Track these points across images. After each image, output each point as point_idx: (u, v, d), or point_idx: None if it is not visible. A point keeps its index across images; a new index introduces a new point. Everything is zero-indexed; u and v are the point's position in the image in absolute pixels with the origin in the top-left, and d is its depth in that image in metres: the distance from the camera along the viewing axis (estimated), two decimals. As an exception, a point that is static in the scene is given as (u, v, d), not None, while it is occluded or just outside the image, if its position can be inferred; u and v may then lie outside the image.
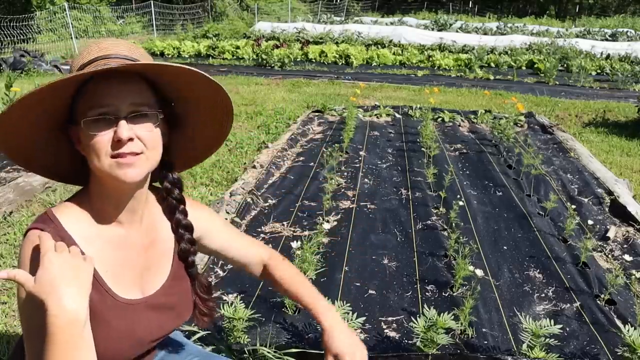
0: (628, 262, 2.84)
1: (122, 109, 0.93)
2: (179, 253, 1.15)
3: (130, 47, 1.02)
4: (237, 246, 1.31)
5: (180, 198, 1.14)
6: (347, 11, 27.19)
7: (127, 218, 1.05)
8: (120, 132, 0.91)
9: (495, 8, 31.45)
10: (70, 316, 0.83)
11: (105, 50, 0.98)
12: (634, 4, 30.10)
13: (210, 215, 1.29)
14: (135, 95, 0.95)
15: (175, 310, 1.14)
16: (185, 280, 1.17)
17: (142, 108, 0.96)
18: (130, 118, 0.94)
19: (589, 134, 6.04)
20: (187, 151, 1.19)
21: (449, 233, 3.09)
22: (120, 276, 1.03)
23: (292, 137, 5.22)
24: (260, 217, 3.39)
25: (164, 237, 1.14)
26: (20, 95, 1.25)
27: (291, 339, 2.12)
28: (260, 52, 11.68)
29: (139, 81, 0.97)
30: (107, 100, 0.93)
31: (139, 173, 0.96)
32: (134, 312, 1.04)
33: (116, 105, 0.93)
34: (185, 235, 1.14)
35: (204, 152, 1.22)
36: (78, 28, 15.28)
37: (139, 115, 0.95)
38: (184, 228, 1.14)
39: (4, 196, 3.55)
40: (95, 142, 0.93)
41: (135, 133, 0.94)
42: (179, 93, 1.04)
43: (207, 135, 1.16)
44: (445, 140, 5.38)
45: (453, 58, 11.81)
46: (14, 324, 2.35)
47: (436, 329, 1.93)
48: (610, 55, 12.65)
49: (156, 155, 1.00)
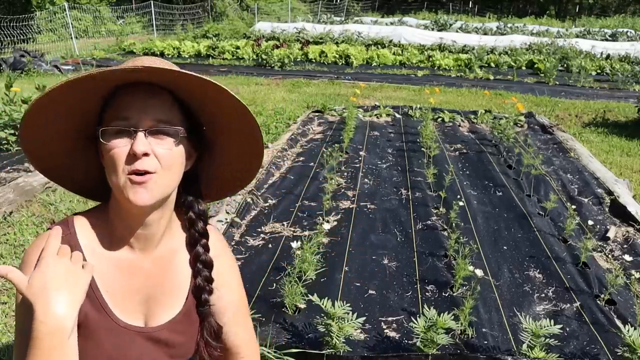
0: (628, 262, 2.84)
1: (143, 122, 0.90)
2: (192, 289, 1.07)
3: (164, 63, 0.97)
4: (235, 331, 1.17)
5: (203, 232, 1.07)
6: (347, 11, 27.19)
7: (140, 245, 1.01)
8: (135, 145, 0.88)
9: (495, 8, 31.45)
10: (56, 324, 0.81)
11: (142, 64, 0.93)
12: (634, 4, 30.09)
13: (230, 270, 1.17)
14: (159, 110, 0.92)
15: (175, 350, 1.06)
16: (196, 322, 1.09)
17: (165, 124, 0.92)
18: (150, 133, 0.91)
19: (589, 134, 6.04)
20: (217, 181, 1.13)
21: (449, 233, 3.10)
22: (123, 299, 1.00)
23: (292, 137, 5.22)
24: (260, 217, 3.39)
25: (180, 270, 1.07)
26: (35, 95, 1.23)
27: (291, 339, 2.12)
28: (260, 52, 11.69)
29: (166, 97, 0.94)
30: (129, 113, 0.90)
31: (150, 197, 0.91)
32: (129, 339, 1.00)
33: (138, 119, 0.90)
34: (203, 271, 1.06)
35: (234, 185, 1.16)
36: (78, 28, 15.28)
37: (160, 132, 0.92)
38: (202, 264, 1.07)
39: (4, 196, 3.55)
40: (112, 154, 0.90)
41: (153, 149, 0.90)
42: (209, 117, 1.00)
43: (237, 167, 1.11)
44: (445, 140, 5.39)
45: (453, 58, 11.81)
46: (14, 324, 2.35)
47: (436, 329, 1.93)
48: (610, 55, 12.66)
49: (171, 179, 0.95)
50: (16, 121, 4.89)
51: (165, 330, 1.04)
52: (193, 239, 1.07)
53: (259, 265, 2.76)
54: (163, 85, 0.93)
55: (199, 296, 1.07)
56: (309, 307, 2.32)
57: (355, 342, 2.12)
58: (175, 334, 1.05)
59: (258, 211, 3.49)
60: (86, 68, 10.52)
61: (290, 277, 2.36)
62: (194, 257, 1.07)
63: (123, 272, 1.00)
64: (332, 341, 1.98)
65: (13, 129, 4.83)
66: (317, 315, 2.20)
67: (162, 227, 1.01)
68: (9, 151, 4.66)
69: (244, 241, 3.06)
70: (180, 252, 1.08)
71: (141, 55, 1.06)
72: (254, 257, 2.86)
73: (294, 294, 2.29)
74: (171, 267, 1.06)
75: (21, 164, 4.32)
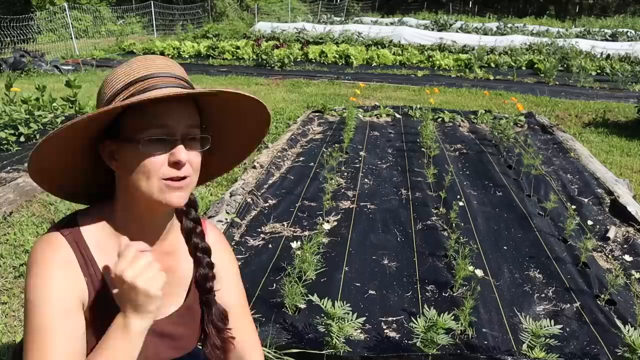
0: (628, 262, 2.84)
1: (179, 131, 0.93)
2: (196, 279, 1.11)
3: (171, 63, 1.00)
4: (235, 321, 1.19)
5: (195, 218, 1.12)
6: (347, 11, 27.18)
7: (148, 240, 1.03)
8: (179, 155, 0.92)
9: (495, 8, 31.45)
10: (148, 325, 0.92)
11: (154, 68, 0.95)
12: (634, 4, 30.08)
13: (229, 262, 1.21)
14: (190, 118, 0.95)
15: (178, 342, 1.10)
16: (198, 313, 1.13)
17: (194, 131, 0.96)
18: (186, 141, 0.94)
19: (589, 134, 6.04)
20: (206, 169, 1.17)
21: (449, 233, 3.10)
22: None
23: (292, 137, 5.22)
24: (260, 217, 3.39)
25: (183, 265, 1.11)
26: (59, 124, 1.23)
27: (291, 339, 2.12)
28: (260, 53, 11.69)
29: (191, 104, 0.97)
30: (165, 121, 0.92)
31: (185, 197, 0.96)
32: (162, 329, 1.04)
33: (174, 127, 0.92)
34: (203, 259, 1.10)
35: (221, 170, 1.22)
36: (78, 28, 15.29)
37: (192, 139, 0.96)
38: (202, 251, 1.11)
39: (4, 196, 3.55)
40: (148, 162, 0.91)
41: (188, 156, 0.94)
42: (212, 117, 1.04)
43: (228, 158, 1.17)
44: (445, 140, 5.38)
45: (453, 58, 11.81)
46: (14, 324, 2.35)
47: (436, 329, 1.93)
48: (610, 55, 12.65)
49: (196, 179, 0.99)
50: (16, 121, 4.89)
51: (168, 323, 1.06)
52: (188, 227, 1.11)
53: (259, 265, 2.76)
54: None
55: (203, 285, 1.11)
56: (309, 307, 2.32)
57: (355, 342, 2.12)
58: (177, 326, 1.08)
59: (258, 211, 3.49)
60: (86, 68, 10.52)
61: (290, 277, 2.36)
62: (193, 247, 1.11)
63: None
64: (332, 341, 1.98)
65: (13, 129, 4.83)
66: (317, 316, 2.20)
67: (170, 221, 1.06)
68: (9, 151, 4.66)
69: (244, 241, 3.06)
70: (180, 247, 1.11)
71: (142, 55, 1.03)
72: (254, 257, 2.86)
73: (294, 294, 2.29)
74: (175, 263, 1.09)
75: (21, 164, 4.32)
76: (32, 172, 0.96)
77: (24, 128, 4.88)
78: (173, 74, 0.96)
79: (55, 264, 0.93)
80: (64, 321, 0.90)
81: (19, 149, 4.72)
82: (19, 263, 2.82)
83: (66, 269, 0.94)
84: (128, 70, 0.95)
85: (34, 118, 5.05)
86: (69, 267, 0.95)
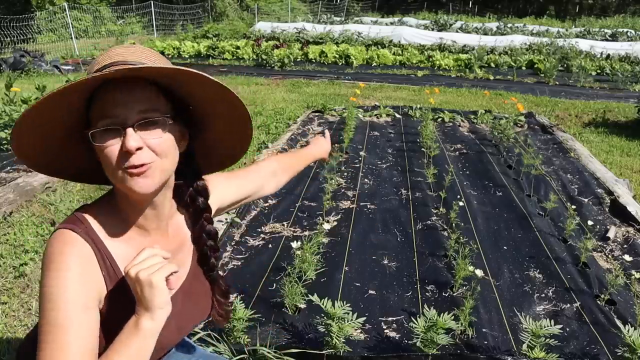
0: (628, 262, 2.84)
1: (130, 118, 0.91)
2: (199, 258, 1.15)
3: (141, 52, 0.98)
4: (248, 183, 1.35)
5: (205, 207, 1.13)
6: (347, 11, 27.18)
7: (153, 225, 1.04)
8: (127, 142, 0.89)
9: (495, 8, 31.45)
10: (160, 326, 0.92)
11: (115, 57, 0.95)
12: (634, 4, 30.07)
13: (218, 183, 1.26)
14: (143, 102, 0.93)
15: (200, 306, 1.16)
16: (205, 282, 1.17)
17: (151, 114, 0.93)
18: (138, 126, 0.91)
19: (589, 134, 6.04)
20: (212, 157, 1.18)
21: (449, 233, 3.10)
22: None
23: (292, 137, 5.22)
24: (260, 217, 3.39)
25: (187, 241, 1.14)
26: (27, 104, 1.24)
27: (291, 339, 2.12)
28: (260, 52, 11.69)
29: (147, 87, 0.94)
30: (114, 110, 0.91)
31: (151, 183, 0.94)
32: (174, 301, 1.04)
33: (124, 115, 0.91)
34: (208, 242, 1.13)
35: (228, 158, 1.22)
36: (78, 28, 15.29)
37: (147, 123, 0.93)
38: (206, 234, 1.13)
39: (4, 196, 3.55)
40: (105, 153, 0.91)
41: (145, 141, 0.92)
42: (192, 98, 1.02)
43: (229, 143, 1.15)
44: (445, 140, 5.38)
45: (453, 58, 11.81)
46: (14, 324, 2.35)
47: (436, 329, 1.93)
48: (610, 55, 12.65)
49: (169, 163, 0.98)
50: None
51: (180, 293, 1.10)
52: (195, 213, 1.13)
53: (259, 265, 2.76)
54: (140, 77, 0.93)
55: (207, 263, 1.15)
56: (309, 307, 2.32)
57: (355, 342, 2.12)
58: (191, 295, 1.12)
59: (258, 211, 3.49)
60: (86, 68, 10.52)
61: (290, 277, 2.36)
62: (198, 230, 1.13)
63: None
64: (332, 341, 1.98)
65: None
66: (317, 316, 2.20)
67: (168, 204, 1.06)
68: (9, 151, 4.66)
69: (244, 241, 3.06)
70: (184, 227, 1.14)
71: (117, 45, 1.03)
72: (254, 257, 2.86)
73: (294, 294, 2.29)
74: (182, 240, 1.12)
75: (21, 164, 4.32)
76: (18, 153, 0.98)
77: (24, 128, 4.88)
78: (125, 61, 0.94)
79: (73, 260, 0.93)
80: (81, 317, 0.90)
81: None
82: (19, 263, 2.82)
83: (84, 265, 0.94)
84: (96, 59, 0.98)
85: (34, 118, 5.04)
86: (87, 263, 0.95)
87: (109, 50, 0.98)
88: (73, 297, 0.90)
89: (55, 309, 0.89)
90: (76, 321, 0.89)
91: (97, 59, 0.97)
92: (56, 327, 0.88)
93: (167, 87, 0.97)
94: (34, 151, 0.99)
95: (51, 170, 1.07)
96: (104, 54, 0.98)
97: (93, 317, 0.93)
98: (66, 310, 0.89)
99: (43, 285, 0.92)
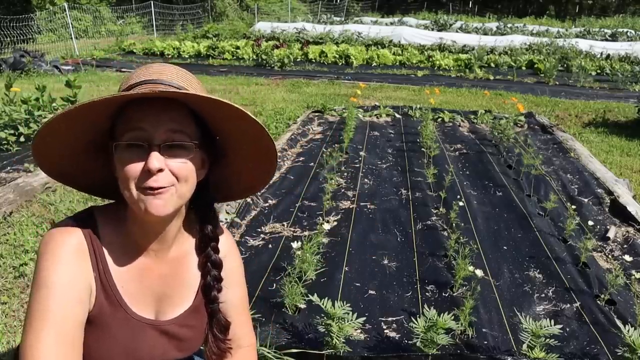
0: (628, 262, 2.84)
1: (157, 137, 0.90)
2: (202, 288, 1.11)
3: (178, 72, 0.98)
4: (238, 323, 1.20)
5: (213, 235, 1.10)
6: (347, 11, 27.18)
7: (154, 246, 1.03)
8: (150, 162, 0.88)
9: (495, 8, 31.45)
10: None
11: (155, 75, 0.94)
12: (634, 4, 30.08)
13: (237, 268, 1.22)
14: (173, 122, 0.91)
15: (183, 343, 1.11)
16: (204, 317, 1.13)
17: (178, 136, 0.92)
18: (164, 147, 0.90)
19: (589, 134, 6.04)
20: (228, 187, 1.15)
21: (449, 233, 3.10)
22: (136, 296, 1.03)
23: (292, 137, 5.22)
24: (260, 217, 3.39)
25: (191, 270, 1.11)
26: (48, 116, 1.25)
27: (291, 339, 2.12)
28: (260, 53, 11.68)
29: (180, 108, 0.93)
30: (142, 125, 0.90)
31: (166, 207, 0.92)
32: (142, 331, 1.03)
33: (152, 130, 0.89)
34: (212, 271, 1.10)
35: (246, 190, 1.19)
36: (78, 28, 15.28)
37: (174, 146, 0.91)
38: (212, 264, 1.10)
39: (4, 196, 3.54)
40: (125, 169, 0.90)
41: (167, 163, 0.90)
42: (221, 127, 1.00)
43: (248, 178, 1.13)
44: (445, 140, 5.38)
45: (453, 58, 11.81)
46: (14, 324, 2.35)
47: (436, 329, 1.93)
48: (610, 55, 12.65)
49: (187, 190, 0.96)
50: (16, 121, 4.89)
51: (175, 325, 1.08)
52: (204, 241, 1.10)
53: (259, 265, 2.76)
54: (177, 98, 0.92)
55: (208, 294, 1.11)
56: (309, 307, 2.32)
57: (355, 342, 2.12)
58: (182, 328, 1.09)
59: (258, 211, 3.49)
60: (86, 68, 10.52)
61: (290, 277, 2.36)
62: (204, 258, 1.10)
63: (138, 272, 1.03)
64: (332, 341, 1.98)
65: (13, 129, 4.83)
66: (317, 316, 2.20)
67: (175, 230, 1.04)
68: (9, 151, 4.66)
69: (244, 241, 3.06)
70: (191, 253, 1.11)
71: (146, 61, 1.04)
72: (254, 257, 2.86)
73: (294, 294, 2.29)
74: (183, 268, 1.09)
75: (21, 164, 4.32)
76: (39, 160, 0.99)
77: (23, 128, 4.88)
78: (162, 80, 0.93)
79: (68, 249, 0.93)
80: (71, 307, 0.90)
81: (18, 149, 4.72)
82: (19, 263, 2.82)
83: (78, 256, 0.94)
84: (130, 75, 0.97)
85: (33, 118, 5.05)
86: (81, 256, 0.95)
87: (144, 67, 0.97)
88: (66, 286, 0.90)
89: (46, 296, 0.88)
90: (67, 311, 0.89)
91: (134, 73, 0.96)
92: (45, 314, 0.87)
93: (198, 112, 0.96)
94: (53, 158, 0.99)
95: (67, 179, 1.07)
96: (138, 70, 0.97)
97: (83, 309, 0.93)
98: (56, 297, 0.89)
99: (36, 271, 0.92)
